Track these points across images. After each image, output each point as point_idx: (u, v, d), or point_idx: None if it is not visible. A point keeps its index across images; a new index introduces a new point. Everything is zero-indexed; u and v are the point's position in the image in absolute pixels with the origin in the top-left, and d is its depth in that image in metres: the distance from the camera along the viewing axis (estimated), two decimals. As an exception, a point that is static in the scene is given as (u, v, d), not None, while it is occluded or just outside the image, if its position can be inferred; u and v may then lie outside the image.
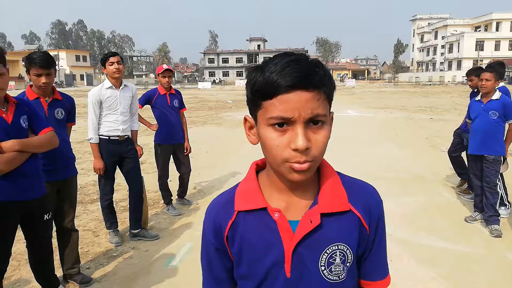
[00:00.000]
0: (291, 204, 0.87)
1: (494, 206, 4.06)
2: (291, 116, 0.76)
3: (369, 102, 22.16)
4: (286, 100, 0.75)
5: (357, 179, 0.95)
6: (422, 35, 79.69)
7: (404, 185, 5.88)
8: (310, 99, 0.76)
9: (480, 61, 51.75)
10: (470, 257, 3.58)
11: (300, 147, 0.75)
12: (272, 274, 0.87)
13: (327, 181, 0.88)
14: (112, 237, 3.97)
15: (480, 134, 4.14)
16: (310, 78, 0.76)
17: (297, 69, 0.75)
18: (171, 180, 5.08)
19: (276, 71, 0.76)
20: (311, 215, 0.84)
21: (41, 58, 2.78)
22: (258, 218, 0.87)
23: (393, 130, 11.38)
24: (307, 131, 0.77)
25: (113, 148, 3.80)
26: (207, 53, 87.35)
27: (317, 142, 0.78)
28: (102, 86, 3.82)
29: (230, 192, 0.95)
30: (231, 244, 0.90)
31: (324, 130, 0.79)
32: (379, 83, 62.07)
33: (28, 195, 2.38)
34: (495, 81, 4.03)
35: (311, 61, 0.79)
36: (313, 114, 0.76)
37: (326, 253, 0.85)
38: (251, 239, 0.87)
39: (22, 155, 2.28)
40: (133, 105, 4.06)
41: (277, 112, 0.76)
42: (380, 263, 0.95)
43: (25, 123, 2.36)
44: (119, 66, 3.78)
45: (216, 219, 0.92)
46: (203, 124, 13.53)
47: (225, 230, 0.90)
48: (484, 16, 64.02)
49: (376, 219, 0.91)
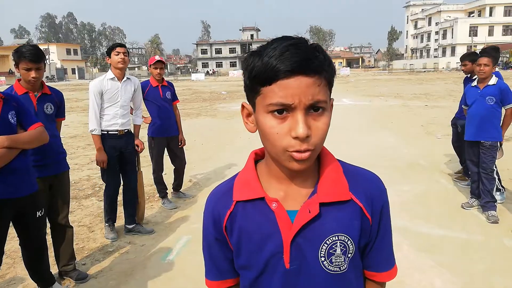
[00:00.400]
0: (290, 193, 0.85)
1: (490, 192, 4.06)
2: (291, 103, 0.73)
3: (363, 90, 22.12)
4: (286, 86, 0.72)
5: (359, 167, 0.92)
6: (415, 21, 79.48)
7: (400, 173, 5.87)
8: (310, 84, 0.73)
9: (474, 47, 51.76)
10: (467, 244, 3.58)
11: (301, 135, 0.73)
12: (271, 265, 0.85)
13: (328, 169, 0.85)
14: (108, 232, 3.93)
15: (477, 120, 4.12)
16: (310, 63, 0.73)
17: (297, 53, 0.72)
18: (166, 173, 5.02)
19: (275, 56, 0.72)
20: (309, 205, 0.82)
21: (30, 52, 2.69)
22: (256, 208, 0.85)
23: (388, 118, 11.37)
24: (308, 118, 0.74)
25: (112, 142, 3.74)
26: (200, 44, 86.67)
27: (317, 130, 0.76)
28: (104, 77, 3.76)
29: (229, 182, 0.93)
30: (230, 234, 0.89)
31: (324, 117, 0.77)
32: (373, 71, 62.05)
33: (19, 192, 2.33)
34: (492, 66, 4.00)
35: (310, 45, 0.76)
36: (314, 100, 0.73)
37: (326, 244, 0.83)
38: (249, 229, 0.86)
39: (12, 152, 2.22)
40: (136, 99, 4.00)
41: (277, 98, 0.73)
42: (385, 254, 0.91)
43: (14, 118, 2.30)
44: (125, 57, 3.72)
45: (215, 210, 0.91)
46: (197, 116, 13.44)
47: (224, 221, 0.88)
48: (477, 1, 63.89)
49: (379, 208, 0.87)
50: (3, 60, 51.88)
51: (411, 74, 45.82)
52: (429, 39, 72.99)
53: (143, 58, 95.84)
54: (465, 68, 5.12)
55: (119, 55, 3.69)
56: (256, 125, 0.82)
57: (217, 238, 0.91)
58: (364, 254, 0.90)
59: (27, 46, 2.75)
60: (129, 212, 4.00)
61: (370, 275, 0.92)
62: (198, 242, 3.82)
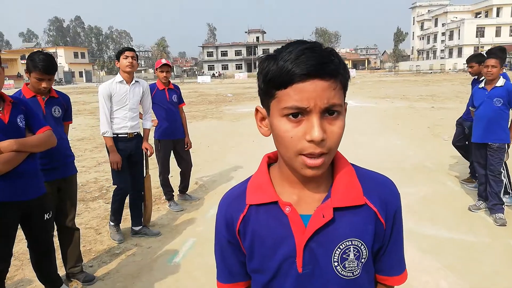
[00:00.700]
0: (303, 198, 0.85)
1: (498, 195, 4.02)
2: (307, 106, 0.73)
3: (369, 92, 22.04)
4: (302, 89, 0.73)
5: (373, 172, 0.91)
6: (422, 22, 79.09)
7: (406, 175, 5.84)
8: (326, 88, 0.73)
9: (481, 48, 51.36)
10: (474, 246, 3.55)
11: (316, 138, 0.73)
12: (284, 269, 0.85)
13: (341, 173, 0.85)
14: (114, 234, 3.95)
15: (484, 122, 4.09)
16: (326, 67, 0.73)
17: (313, 57, 0.72)
18: (172, 175, 5.05)
19: (290, 59, 0.73)
20: (323, 209, 0.82)
21: (44, 63, 2.70)
22: (269, 212, 0.85)
23: (395, 120, 11.31)
24: (323, 121, 0.75)
25: (122, 145, 3.77)
26: (206, 46, 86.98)
27: (332, 134, 0.76)
28: (113, 80, 3.80)
29: (242, 185, 0.92)
30: (243, 238, 0.89)
31: (339, 121, 0.77)
32: (379, 73, 61.81)
33: (27, 195, 2.36)
34: (499, 67, 3.97)
35: (326, 49, 0.76)
36: (329, 104, 0.73)
37: (339, 249, 0.83)
38: (262, 233, 0.86)
39: (20, 155, 2.25)
40: (145, 102, 4.02)
41: (292, 102, 0.73)
42: (397, 258, 0.92)
43: (22, 122, 2.33)
44: (133, 61, 3.77)
45: (228, 213, 0.91)
46: (203, 119, 13.48)
47: (237, 224, 0.89)
48: (484, 2, 63.45)
49: (393, 213, 0.87)
50: (12, 63, 52.52)
51: (418, 75, 45.57)
52: (435, 40, 72.57)
53: (149, 61, 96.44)
54: (472, 70, 5.08)
55: (127, 59, 3.74)
56: (270, 129, 0.82)
57: (229, 241, 0.91)
58: (377, 259, 0.90)
59: (41, 55, 2.74)
60: (135, 214, 4.02)
61: (382, 279, 0.93)
62: (204, 245, 3.84)
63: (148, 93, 4.05)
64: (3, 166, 2.15)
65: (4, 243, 2.34)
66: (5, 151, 2.17)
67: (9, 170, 2.20)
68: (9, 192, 2.26)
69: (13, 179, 2.26)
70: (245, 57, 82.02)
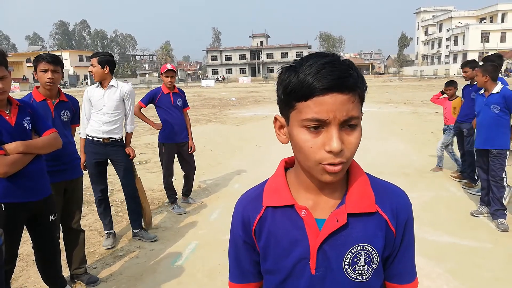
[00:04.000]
0: (318, 203, 0.88)
1: (500, 200, 4.03)
2: (326, 118, 0.76)
3: (373, 97, 22.02)
4: (322, 102, 0.76)
5: (386, 181, 0.95)
6: (426, 28, 78.96)
7: (410, 180, 5.85)
8: (345, 101, 0.76)
9: (486, 53, 51.22)
10: (476, 251, 3.56)
11: (335, 149, 0.76)
12: (297, 270, 0.88)
13: (356, 181, 0.89)
14: (105, 240, 3.96)
15: (484, 129, 4.11)
16: (345, 81, 0.76)
17: (333, 71, 0.75)
18: (175, 179, 5.09)
19: (311, 73, 0.76)
20: (337, 214, 0.85)
21: (49, 55, 2.92)
22: (285, 214, 0.89)
23: (398, 125, 11.32)
24: (341, 133, 0.78)
25: (96, 148, 3.77)
26: (210, 50, 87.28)
27: (350, 144, 0.79)
28: (96, 84, 3.86)
29: (258, 188, 0.96)
30: (258, 238, 0.92)
31: (357, 132, 0.80)
32: (383, 78, 61.72)
33: (33, 196, 2.40)
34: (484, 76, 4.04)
35: (344, 63, 0.79)
36: (348, 116, 0.77)
37: (351, 253, 0.86)
38: (278, 234, 0.89)
39: (26, 157, 2.30)
40: (126, 107, 3.88)
41: (312, 114, 0.76)
42: (407, 267, 0.94)
43: (29, 124, 2.38)
44: (93, 69, 3.72)
45: (244, 213, 0.94)
46: (207, 122, 13.53)
47: (253, 224, 0.92)
48: (489, 7, 63.27)
49: (403, 222, 0.90)
50: (17, 66, 52.97)
51: (422, 80, 45.47)
52: (440, 46, 72.41)
53: (154, 64, 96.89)
54: (465, 74, 5.39)
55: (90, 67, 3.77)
56: (289, 137, 0.86)
57: (245, 241, 0.95)
58: (386, 265, 0.93)
59: (46, 53, 2.98)
60: (132, 218, 4.07)
61: (391, 287, 0.95)
62: (207, 247, 3.87)
63: (129, 97, 3.86)
64: (10, 167, 2.20)
65: (11, 244, 2.39)
66: (11, 153, 2.22)
67: (16, 171, 2.24)
68: (17, 193, 2.31)
69: (21, 180, 2.30)
70: (249, 61, 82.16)
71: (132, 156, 4.01)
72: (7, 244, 2.35)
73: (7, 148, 2.21)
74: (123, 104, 3.84)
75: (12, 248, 2.42)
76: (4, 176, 2.20)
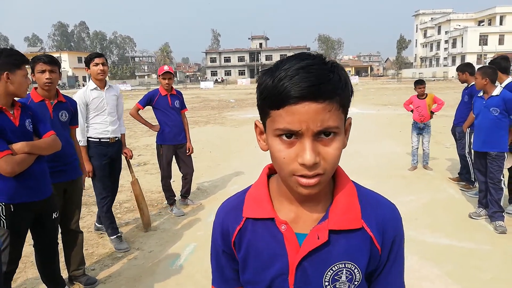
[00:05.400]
0: (300, 216, 0.83)
1: (498, 202, 4.04)
2: (298, 129, 0.71)
3: (372, 99, 22.08)
4: (293, 112, 0.70)
5: (375, 193, 0.89)
6: (425, 30, 79.19)
7: (408, 182, 5.86)
8: (320, 111, 0.70)
9: (484, 56, 51.46)
10: (474, 253, 3.57)
11: (307, 162, 0.71)
12: (276, 285, 0.85)
13: (341, 193, 0.83)
14: (117, 243, 3.86)
15: (482, 131, 4.12)
16: (320, 88, 0.69)
17: (307, 77, 0.69)
18: (174, 180, 5.09)
19: (285, 79, 0.70)
20: (319, 230, 0.80)
21: (46, 56, 2.93)
22: (265, 227, 0.84)
23: (397, 127, 11.33)
24: (317, 143, 0.72)
25: (103, 149, 3.80)
26: (209, 52, 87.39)
27: (327, 155, 0.73)
28: (87, 87, 3.79)
29: (240, 196, 0.92)
30: (237, 249, 0.89)
31: (336, 142, 0.74)
32: (382, 80, 61.88)
33: (37, 196, 2.47)
34: (483, 79, 4.07)
35: (325, 66, 0.72)
36: (323, 127, 0.71)
37: (332, 270, 0.82)
38: (257, 247, 0.86)
39: (31, 157, 2.36)
40: (118, 107, 3.97)
41: (284, 124, 0.71)
42: (393, 283, 0.88)
43: (30, 126, 2.44)
44: (104, 67, 3.74)
45: (224, 223, 0.90)
46: (205, 124, 13.54)
47: (233, 236, 0.88)
48: (487, 10, 63.54)
49: (390, 239, 0.84)
50: (16, 68, 52.78)
51: (420, 82, 45.50)
52: (438, 48, 72.63)
53: (153, 66, 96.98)
54: (459, 77, 5.63)
55: (97, 66, 3.71)
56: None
57: (224, 251, 0.92)
58: (372, 280, 0.88)
59: (43, 54, 3.00)
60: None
61: None
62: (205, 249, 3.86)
63: (121, 98, 4.02)
64: (18, 166, 2.26)
65: (17, 245, 2.45)
66: (18, 152, 2.28)
67: (22, 170, 2.31)
68: (23, 194, 2.37)
69: (26, 180, 2.37)
70: (248, 63, 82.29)
71: (130, 156, 4.10)
72: (13, 245, 2.41)
73: (14, 148, 2.27)
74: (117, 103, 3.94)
75: (17, 249, 2.47)
76: (11, 175, 2.26)
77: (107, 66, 3.80)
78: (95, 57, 3.76)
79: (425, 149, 6.52)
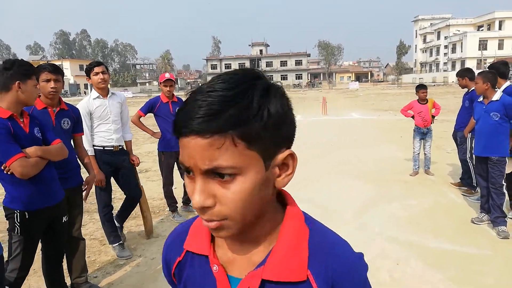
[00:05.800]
0: (237, 257, 0.72)
1: (500, 207, 4.03)
2: (188, 165, 0.62)
3: (372, 105, 22.10)
4: (183, 145, 0.61)
5: (335, 236, 0.73)
6: (424, 35, 79.51)
7: (409, 187, 5.86)
8: (206, 147, 0.58)
9: (484, 60, 51.57)
10: (477, 258, 3.56)
11: (194, 205, 0.62)
12: None
13: (287, 235, 0.69)
14: (120, 251, 3.86)
15: (483, 136, 4.13)
16: (207, 121, 0.58)
17: (200, 106, 0.59)
18: (176, 187, 5.10)
19: (186, 105, 0.61)
20: (252, 279, 0.67)
21: (50, 65, 2.99)
22: (201, 264, 0.76)
23: (398, 132, 11.34)
24: (212, 183, 0.61)
25: (107, 158, 3.81)
26: (210, 59, 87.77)
27: (225, 198, 0.61)
28: (89, 97, 3.79)
29: (187, 224, 0.83)
30: (178, 281, 0.83)
31: (235, 184, 0.60)
32: (382, 85, 61.97)
33: (49, 201, 2.53)
34: (484, 83, 4.09)
35: (229, 93, 0.59)
36: (211, 166, 0.59)
37: None
38: (194, 283, 0.78)
39: (43, 161, 2.43)
40: (123, 114, 3.99)
41: (180, 157, 0.63)
42: None
43: (39, 133, 2.51)
44: (104, 75, 3.73)
45: (167, 253, 0.84)
46: (207, 130, 13.54)
47: (173, 267, 0.82)
48: (486, 15, 63.80)
49: None
50: (18, 76, 53.08)
51: (421, 88, 45.58)
52: (438, 53, 72.85)
53: (154, 73, 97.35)
54: (459, 82, 5.64)
55: (98, 75, 3.70)
56: None
57: (168, 280, 0.87)
58: None
59: (47, 63, 3.05)
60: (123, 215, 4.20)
61: None
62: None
63: (125, 104, 4.03)
64: (32, 169, 2.33)
65: (29, 251, 2.49)
66: (32, 156, 2.36)
67: (35, 173, 2.37)
68: (37, 200, 2.44)
69: (38, 186, 2.43)
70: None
71: (137, 163, 4.14)
72: (25, 252, 2.46)
73: (27, 152, 2.34)
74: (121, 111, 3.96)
75: (30, 255, 2.52)
76: (26, 177, 2.32)
77: (108, 74, 3.80)
78: (95, 66, 3.76)
79: (426, 153, 6.53)
